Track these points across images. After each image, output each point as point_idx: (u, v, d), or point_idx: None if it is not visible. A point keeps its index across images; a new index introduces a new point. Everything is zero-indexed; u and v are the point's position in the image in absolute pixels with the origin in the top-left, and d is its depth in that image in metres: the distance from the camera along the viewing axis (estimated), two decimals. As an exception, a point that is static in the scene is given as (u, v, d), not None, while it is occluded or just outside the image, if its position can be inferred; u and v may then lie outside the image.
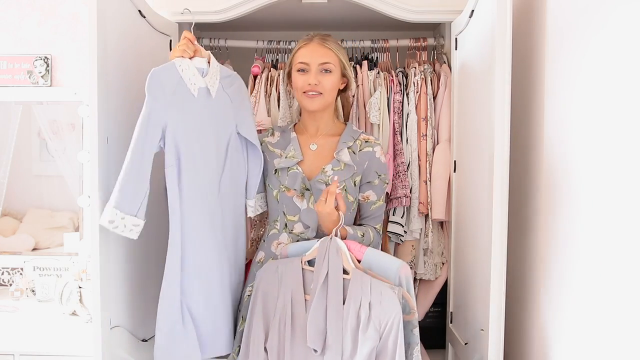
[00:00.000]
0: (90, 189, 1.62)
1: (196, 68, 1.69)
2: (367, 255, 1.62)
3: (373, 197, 1.83)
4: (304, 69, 1.79)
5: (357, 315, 1.52)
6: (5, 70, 2.48)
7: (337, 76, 1.81)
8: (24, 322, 2.14)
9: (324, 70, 1.78)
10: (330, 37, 1.83)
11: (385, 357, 1.49)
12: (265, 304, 1.65)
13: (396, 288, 1.53)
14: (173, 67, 1.64)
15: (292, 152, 1.82)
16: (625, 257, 1.18)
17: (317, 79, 1.77)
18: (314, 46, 1.79)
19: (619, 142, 1.21)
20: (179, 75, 1.64)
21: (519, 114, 1.80)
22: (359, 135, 1.84)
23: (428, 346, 2.24)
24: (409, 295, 1.56)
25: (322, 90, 1.78)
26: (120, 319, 1.72)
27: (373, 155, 1.81)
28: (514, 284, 1.84)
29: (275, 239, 1.83)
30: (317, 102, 1.79)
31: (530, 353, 1.73)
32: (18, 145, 2.55)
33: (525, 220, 1.78)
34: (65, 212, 2.58)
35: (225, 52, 2.31)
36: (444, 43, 2.26)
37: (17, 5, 2.49)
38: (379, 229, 1.86)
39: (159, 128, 1.61)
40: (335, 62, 1.79)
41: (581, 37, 1.41)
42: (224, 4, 2.06)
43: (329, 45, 1.79)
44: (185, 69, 1.66)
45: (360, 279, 1.55)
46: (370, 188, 1.82)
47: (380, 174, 1.83)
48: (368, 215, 1.85)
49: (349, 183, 1.78)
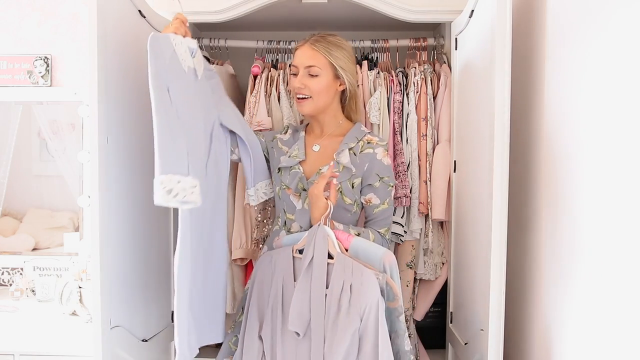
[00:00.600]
0: (90, 189, 1.61)
1: (188, 47, 1.66)
2: (354, 244, 1.62)
3: (375, 200, 1.79)
4: (294, 72, 1.80)
5: (339, 299, 1.53)
6: (5, 70, 2.48)
7: (327, 79, 1.78)
8: (24, 322, 2.14)
9: (309, 74, 1.77)
10: (327, 38, 1.79)
11: (367, 340, 1.49)
12: (260, 293, 1.67)
13: (380, 274, 1.53)
14: (168, 38, 1.61)
15: (295, 152, 1.83)
16: (626, 256, 1.18)
17: (302, 82, 1.77)
18: (304, 49, 1.79)
19: (619, 142, 1.21)
20: (172, 48, 1.61)
21: (519, 113, 1.80)
22: (363, 136, 1.82)
23: (428, 346, 2.24)
24: (393, 282, 1.56)
25: (310, 93, 1.77)
26: (120, 319, 1.72)
27: (374, 157, 1.78)
28: (514, 284, 1.84)
29: (276, 235, 1.85)
30: (307, 106, 1.79)
31: (530, 353, 1.73)
32: (18, 145, 2.55)
33: (525, 219, 1.78)
34: (65, 212, 2.58)
35: (225, 52, 2.31)
36: (444, 43, 2.26)
37: (17, 5, 2.49)
38: (383, 232, 1.80)
39: (166, 88, 1.54)
40: (322, 64, 1.76)
41: (581, 37, 1.41)
42: (224, 4, 2.06)
43: (317, 47, 1.76)
44: (178, 44, 1.63)
45: (343, 262, 1.56)
46: (371, 191, 1.79)
47: (382, 177, 1.78)
48: (372, 218, 1.81)
49: (346, 185, 1.76)
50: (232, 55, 2.33)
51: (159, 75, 1.53)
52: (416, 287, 2.19)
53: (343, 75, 1.80)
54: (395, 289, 1.55)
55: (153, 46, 1.53)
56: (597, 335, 1.30)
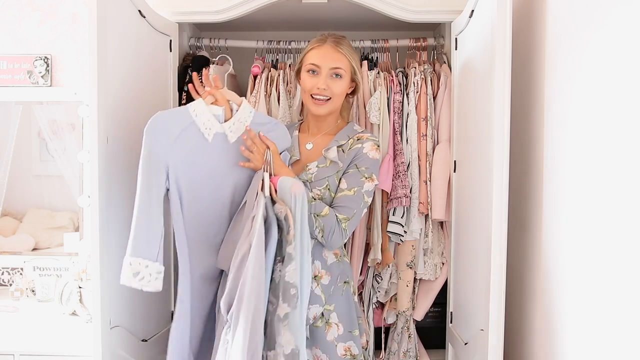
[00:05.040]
0: (90, 189, 1.62)
1: (213, 115, 1.67)
2: (279, 184, 1.61)
3: (343, 185, 1.71)
4: (314, 70, 1.76)
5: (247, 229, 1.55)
6: (5, 70, 2.48)
7: (347, 81, 1.79)
8: (24, 322, 2.14)
9: (334, 75, 1.75)
10: (345, 39, 1.80)
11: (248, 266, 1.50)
12: None
13: (283, 207, 1.55)
14: (185, 111, 1.63)
15: (291, 152, 1.83)
16: (626, 256, 1.18)
17: (326, 84, 1.74)
18: (327, 49, 1.76)
19: (619, 141, 1.21)
20: (190, 119, 1.63)
21: (519, 114, 1.80)
22: (354, 134, 1.81)
23: (428, 346, 2.24)
24: (291, 214, 1.55)
25: (331, 94, 1.76)
26: (120, 319, 1.72)
27: (360, 150, 1.75)
28: (514, 284, 1.84)
29: None
30: (325, 108, 1.77)
31: (530, 353, 1.73)
32: (18, 145, 2.56)
33: (525, 220, 1.78)
34: (65, 212, 2.58)
35: (225, 52, 2.31)
36: (444, 43, 2.26)
37: (17, 5, 2.49)
38: (341, 219, 1.67)
39: (162, 168, 1.60)
40: (346, 67, 1.76)
41: (581, 37, 1.41)
42: (224, 4, 2.06)
43: (342, 49, 1.76)
44: (200, 114, 1.64)
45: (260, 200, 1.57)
46: (344, 177, 1.73)
47: (359, 166, 1.73)
48: (333, 204, 1.71)
49: (332, 180, 1.74)
50: (232, 55, 2.33)
51: (154, 158, 1.58)
52: (416, 287, 2.19)
53: (359, 78, 1.82)
54: (291, 222, 1.54)
55: (151, 128, 1.58)
56: (597, 335, 1.30)
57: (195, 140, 1.64)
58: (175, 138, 1.61)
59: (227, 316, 1.53)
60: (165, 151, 1.59)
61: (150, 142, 1.58)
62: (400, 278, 2.14)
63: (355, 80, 1.82)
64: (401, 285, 2.14)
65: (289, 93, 2.17)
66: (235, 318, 1.49)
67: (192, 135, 1.64)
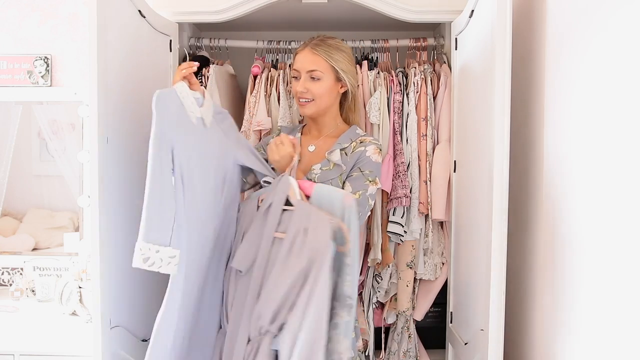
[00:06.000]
0: (90, 189, 1.62)
1: (194, 98, 1.66)
2: (316, 191, 1.62)
3: (347, 188, 1.74)
4: (295, 75, 1.82)
5: (293, 241, 1.54)
6: (5, 70, 2.48)
7: (329, 82, 1.80)
8: (24, 322, 2.14)
9: (311, 78, 1.79)
10: (328, 41, 1.81)
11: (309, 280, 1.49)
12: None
13: (334, 219, 1.54)
14: (174, 92, 1.61)
15: None
16: (626, 255, 1.18)
17: (304, 87, 1.79)
18: (305, 53, 1.80)
19: (620, 142, 1.21)
20: (179, 101, 1.61)
21: (519, 114, 1.80)
22: (357, 138, 1.83)
23: (428, 346, 2.24)
24: (345, 225, 1.55)
25: (312, 96, 1.79)
26: (120, 319, 1.72)
27: (363, 153, 1.78)
28: (514, 284, 1.84)
29: None
30: (309, 109, 1.82)
31: (530, 353, 1.73)
32: (18, 145, 2.56)
33: (525, 220, 1.78)
34: (65, 212, 2.58)
35: (225, 52, 2.31)
36: (444, 43, 2.26)
37: (17, 5, 2.49)
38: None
39: (170, 148, 1.56)
40: (324, 68, 1.78)
41: (581, 37, 1.41)
42: (224, 4, 2.06)
43: (318, 52, 1.78)
44: (185, 96, 1.63)
45: (303, 208, 1.57)
46: (348, 180, 1.76)
47: (363, 170, 1.75)
48: None
49: (336, 183, 1.76)
50: (232, 55, 2.33)
51: (163, 137, 1.53)
52: (416, 287, 2.19)
53: (344, 78, 1.82)
54: (346, 233, 1.54)
55: (158, 104, 1.52)
56: (597, 334, 1.30)
57: (185, 122, 1.62)
58: (175, 117, 1.59)
59: (270, 326, 1.52)
60: (170, 130, 1.56)
61: (159, 120, 1.52)
62: (400, 278, 2.15)
63: (341, 80, 1.82)
64: (401, 285, 2.14)
65: (289, 93, 2.16)
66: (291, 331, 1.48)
67: (183, 116, 1.62)
